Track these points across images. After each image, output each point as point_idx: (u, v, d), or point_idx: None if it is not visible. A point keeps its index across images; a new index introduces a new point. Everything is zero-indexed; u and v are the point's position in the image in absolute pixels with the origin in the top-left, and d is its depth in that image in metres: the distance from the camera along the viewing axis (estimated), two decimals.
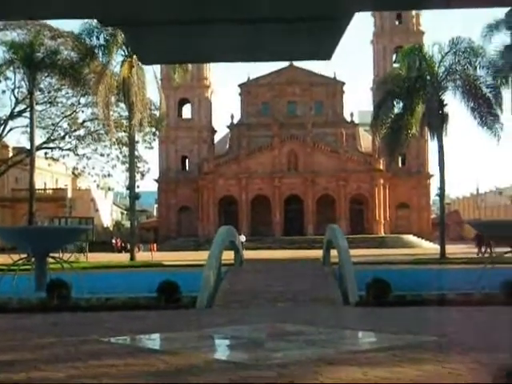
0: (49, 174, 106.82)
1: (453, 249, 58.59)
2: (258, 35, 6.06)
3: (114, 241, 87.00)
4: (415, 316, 17.69)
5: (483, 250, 54.08)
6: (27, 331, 15.62)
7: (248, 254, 48.59)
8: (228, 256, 34.20)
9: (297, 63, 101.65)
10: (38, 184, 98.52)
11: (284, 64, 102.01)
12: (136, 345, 13.60)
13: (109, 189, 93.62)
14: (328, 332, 14.46)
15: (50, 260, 27.77)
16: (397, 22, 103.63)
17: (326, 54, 6.53)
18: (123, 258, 57.34)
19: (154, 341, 14.40)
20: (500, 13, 48.89)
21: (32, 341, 13.77)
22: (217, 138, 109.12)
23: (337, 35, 6.20)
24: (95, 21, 52.07)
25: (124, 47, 53.94)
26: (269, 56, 6.71)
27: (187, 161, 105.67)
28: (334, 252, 31.27)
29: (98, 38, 53.38)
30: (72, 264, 30.59)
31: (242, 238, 74.84)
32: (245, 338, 13.93)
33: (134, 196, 58.22)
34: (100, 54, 54.49)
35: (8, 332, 15.75)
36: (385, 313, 18.54)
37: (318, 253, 42.08)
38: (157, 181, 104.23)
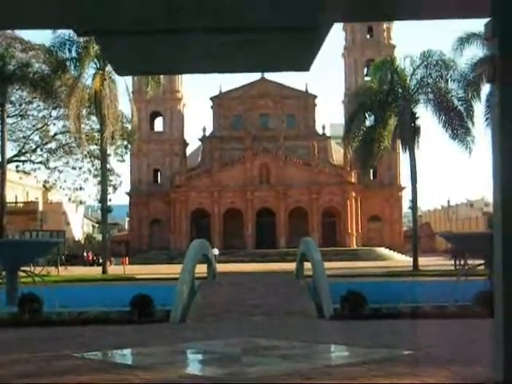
0: (20, 187, 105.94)
1: (425, 261, 58.79)
2: (235, 46, 5.96)
3: (85, 254, 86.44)
4: (391, 329, 17.58)
5: (458, 262, 54.26)
6: None
7: (221, 267, 48.31)
8: (201, 269, 34.01)
9: (268, 76, 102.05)
10: (9, 197, 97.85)
11: (256, 77, 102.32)
12: (110, 360, 13.40)
13: (80, 202, 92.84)
14: (303, 346, 14.34)
15: (22, 274, 27.41)
16: (368, 36, 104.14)
17: (304, 66, 6.43)
18: (95, 271, 56.93)
19: (127, 356, 14.18)
20: (470, 26, 49.30)
21: (3, 357, 13.51)
22: (189, 150, 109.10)
23: (315, 46, 6.12)
24: (67, 33, 52.13)
25: (96, 60, 53.76)
26: (245, 67, 6.60)
27: (159, 174, 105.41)
28: (307, 265, 31.18)
29: (69, 51, 53.16)
30: (43, 278, 30.31)
31: (215, 252, 74.67)
32: (219, 352, 13.77)
33: (105, 209, 57.89)
34: (72, 66, 54.17)
35: None
36: (360, 326, 18.44)
37: (290, 265, 41.99)
38: (128, 194, 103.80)
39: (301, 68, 6.62)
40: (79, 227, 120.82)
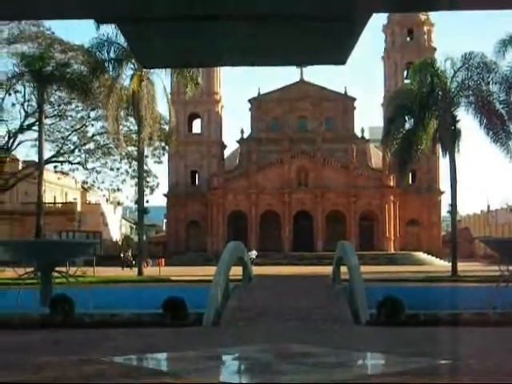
0: (58, 188, 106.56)
1: (463, 266, 57.94)
2: (269, 36, 5.58)
3: (122, 255, 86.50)
4: (429, 337, 17.10)
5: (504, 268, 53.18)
6: (27, 349, 15.12)
7: (257, 270, 48.05)
8: (237, 272, 33.71)
9: (307, 77, 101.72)
10: (48, 198, 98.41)
11: (294, 79, 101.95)
12: (138, 365, 13.07)
13: (118, 203, 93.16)
14: (337, 354, 13.92)
15: (56, 274, 27.30)
16: (408, 38, 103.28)
17: (341, 59, 6.07)
18: (131, 272, 56.85)
19: (157, 361, 13.85)
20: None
21: (31, 360, 13.24)
22: (227, 152, 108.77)
23: (353, 38, 5.74)
24: (105, 34, 52.13)
25: (134, 61, 53.63)
26: (279, 60, 6.21)
27: (197, 175, 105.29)
28: (343, 269, 30.72)
29: (108, 52, 52.97)
30: (78, 278, 30.17)
31: (253, 254, 74.57)
32: (251, 358, 13.40)
33: (142, 210, 57.76)
34: (110, 67, 54.07)
35: (7, 350, 15.22)
36: (396, 333, 17.97)
37: (327, 269, 41.47)
38: (166, 195, 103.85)
39: (337, 61, 6.22)
40: (117, 228, 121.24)
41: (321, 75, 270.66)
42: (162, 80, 78.72)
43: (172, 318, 19.93)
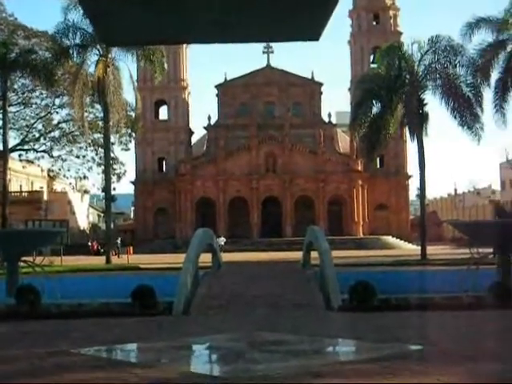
0: (24, 177, 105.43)
1: (432, 250, 58.06)
2: (238, 11, 5.23)
3: (90, 243, 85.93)
4: (402, 322, 16.92)
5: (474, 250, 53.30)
6: None
7: (226, 257, 47.79)
8: (206, 259, 33.42)
9: (274, 63, 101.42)
10: (14, 186, 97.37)
11: (261, 64, 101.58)
12: (107, 356, 12.73)
13: (85, 191, 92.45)
14: (311, 341, 13.70)
15: (22, 264, 26.81)
16: (374, 23, 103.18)
17: (314, 34, 5.74)
18: (99, 260, 56.32)
19: (126, 352, 13.52)
20: (480, 11, 48.63)
21: None
22: (194, 139, 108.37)
23: (326, 12, 5.40)
24: (72, 20, 51.47)
25: (99, 46, 52.98)
26: (248, 36, 5.85)
27: (164, 162, 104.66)
28: (313, 254, 30.53)
29: (73, 38, 52.23)
30: (45, 268, 29.70)
31: (222, 241, 74.28)
32: (223, 347, 13.13)
33: (109, 198, 57.25)
34: (75, 53, 53.37)
35: None
36: (369, 318, 17.76)
37: (296, 255, 41.35)
38: (133, 183, 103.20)
39: (310, 37, 5.85)
40: (85, 216, 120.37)
41: (288, 61, 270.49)
42: (127, 66, 78.16)
43: (141, 307, 19.60)
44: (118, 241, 76.76)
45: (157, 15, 5.21)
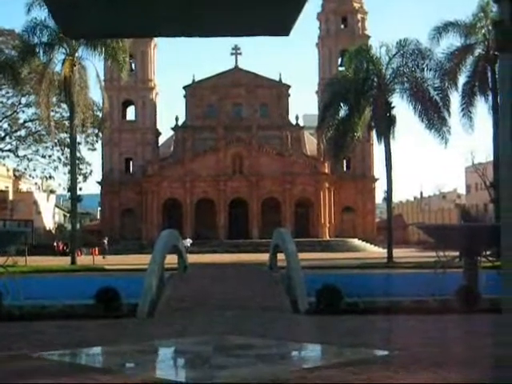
0: None
1: (398, 252, 58.21)
2: (206, 3, 5.03)
3: (56, 244, 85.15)
4: (369, 326, 16.78)
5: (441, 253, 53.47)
6: None
7: (193, 258, 47.57)
8: (172, 260, 33.14)
9: (242, 65, 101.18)
10: None
11: (229, 66, 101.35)
12: (69, 361, 12.41)
13: (51, 191, 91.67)
14: (277, 345, 13.47)
15: None
16: (342, 26, 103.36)
17: (284, 30, 5.57)
18: (64, 261, 55.74)
19: (88, 356, 13.19)
20: (447, 15, 48.81)
21: None
22: (161, 140, 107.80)
23: (297, 7, 5.22)
24: (39, 18, 50.83)
25: (66, 45, 52.47)
26: (217, 31, 5.65)
27: (131, 163, 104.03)
28: (280, 256, 30.37)
29: (39, 37, 51.57)
30: (8, 268, 29.27)
31: (188, 242, 73.99)
32: (189, 352, 12.88)
33: (75, 198, 56.72)
34: (41, 52, 52.75)
35: None
36: (336, 322, 17.60)
37: (263, 256, 41.19)
38: (99, 183, 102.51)
39: (280, 32, 5.69)
40: (51, 217, 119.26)
41: (256, 63, 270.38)
42: (94, 65, 77.62)
43: (105, 309, 19.30)
44: (105, 240, 76.13)
45: (121, 8, 4.97)
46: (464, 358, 11.60)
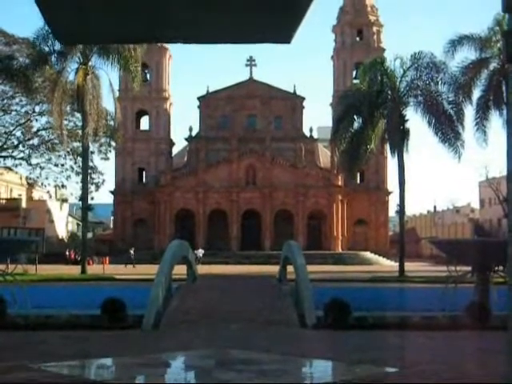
0: (3, 184, 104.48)
1: (410, 266, 57.81)
2: (204, 12, 4.81)
3: (68, 253, 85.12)
4: (377, 342, 16.44)
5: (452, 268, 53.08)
6: None
7: (203, 269, 47.40)
8: (182, 270, 32.96)
9: (257, 76, 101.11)
10: None
11: (244, 77, 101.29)
12: (67, 373, 12.13)
13: (63, 200, 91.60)
14: (283, 360, 13.17)
15: None
16: (358, 38, 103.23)
17: (285, 37, 5.40)
18: (75, 270, 55.62)
19: (87, 368, 12.93)
20: (462, 29, 48.59)
21: None
22: (175, 150, 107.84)
23: (298, 15, 5.02)
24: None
25: (79, 54, 52.50)
26: (218, 37, 5.45)
27: (144, 173, 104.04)
28: (290, 268, 30.09)
29: (53, 44, 51.50)
30: (16, 277, 29.10)
31: (200, 252, 73.94)
32: (191, 366, 12.62)
33: (86, 207, 56.64)
34: (54, 60, 52.73)
35: None
36: (344, 337, 17.29)
37: (274, 268, 40.93)
38: (112, 193, 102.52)
39: (282, 40, 5.51)
40: (64, 225, 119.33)
41: (270, 74, 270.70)
42: (107, 75, 77.69)
43: (110, 320, 19.06)
44: (132, 251, 76.08)
45: (118, 12, 4.75)
46: (474, 376, 11.28)
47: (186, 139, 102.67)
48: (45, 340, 16.30)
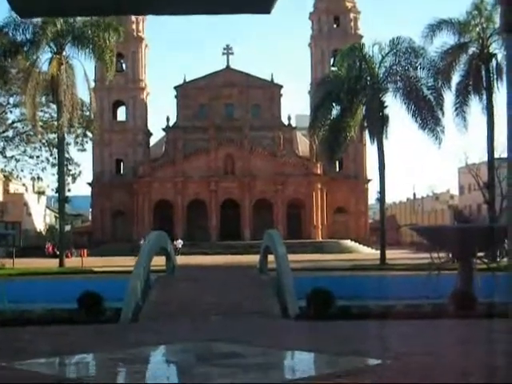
0: None
1: (391, 254, 57.56)
2: None
3: (46, 246, 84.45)
4: (361, 332, 16.03)
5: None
6: None
7: (183, 260, 46.95)
8: (161, 261, 32.50)
9: (234, 65, 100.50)
10: None
11: (221, 66, 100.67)
12: (42, 371, 11.51)
13: (39, 192, 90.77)
14: (266, 353, 12.70)
15: None
16: (335, 26, 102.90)
17: (264, 7, 5.03)
18: (53, 263, 54.96)
19: (62, 366, 12.38)
20: (441, 13, 48.32)
21: None
22: (152, 141, 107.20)
23: None
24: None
25: (53, 43, 51.75)
26: (196, 8, 5.03)
27: (122, 164, 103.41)
28: (271, 257, 29.69)
29: (24, 33, 50.70)
30: None
31: (179, 243, 73.47)
32: (169, 360, 12.15)
33: (63, 199, 56.01)
34: (27, 50, 51.90)
35: None
36: (328, 328, 16.84)
37: (254, 258, 40.53)
38: (90, 184, 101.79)
39: (261, 9, 5.13)
40: (41, 218, 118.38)
41: (248, 63, 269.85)
42: (82, 65, 76.92)
43: (87, 314, 18.56)
44: (142, 241, 74.82)
45: None
46: (460, 367, 10.87)
47: (164, 129, 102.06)
48: (18, 337, 15.74)
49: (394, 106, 54.23)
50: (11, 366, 11.46)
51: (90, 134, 72.84)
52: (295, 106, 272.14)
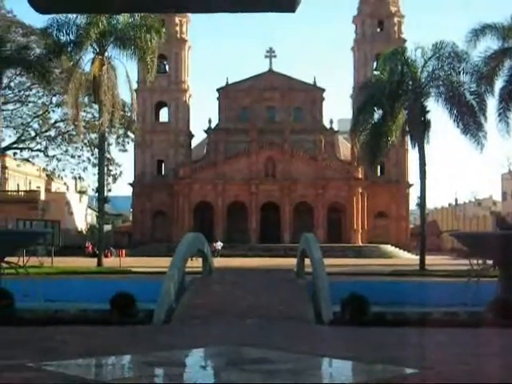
0: (22, 176, 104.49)
1: (431, 260, 57.06)
2: None
3: (86, 245, 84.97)
4: (396, 339, 15.69)
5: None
6: None
7: (221, 262, 46.88)
8: (199, 263, 32.51)
9: (276, 68, 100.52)
10: (11, 186, 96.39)
11: (263, 68, 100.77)
12: (69, 373, 11.38)
13: (81, 192, 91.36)
14: (296, 359, 12.44)
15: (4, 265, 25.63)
16: (378, 29, 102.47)
17: (289, 5, 4.96)
18: (91, 263, 55.16)
19: (91, 368, 12.20)
20: (485, 18, 47.61)
21: None
22: (194, 142, 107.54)
23: None
24: (66, 15, 50.25)
25: (95, 44, 52.02)
26: (220, 6, 4.94)
27: (163, 165, 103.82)
28: (308, 261, 29.43)
29: (67, 34, 51.09)
30: (35, 269, 28.70)
31: (219, 245, 73.59)
32: (198, 365, 11.95)
33: (102, 199, 56.28)
34: (70, 50, 52.26)
35: None
36: (362, 334, 16.54)
37: (293, 261, 40.23)
38: (131, 185, 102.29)
39: (285, 8, 5.04)
40: (83, 217, 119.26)
41: (290, 66, 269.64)
42: (124, 66, 77.13)
43: (119, 315, 18.42)
44: (219, 245, 75.61)
45: None
46: (498, 379, 10.54)
47: (206, 131, 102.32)
48: (50, 336, 15.64)
49: (436, 111, 54.08)
50: (38, 367, 11.32)
51: (131, 135, 73.04)
52: (338, 110, 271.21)
